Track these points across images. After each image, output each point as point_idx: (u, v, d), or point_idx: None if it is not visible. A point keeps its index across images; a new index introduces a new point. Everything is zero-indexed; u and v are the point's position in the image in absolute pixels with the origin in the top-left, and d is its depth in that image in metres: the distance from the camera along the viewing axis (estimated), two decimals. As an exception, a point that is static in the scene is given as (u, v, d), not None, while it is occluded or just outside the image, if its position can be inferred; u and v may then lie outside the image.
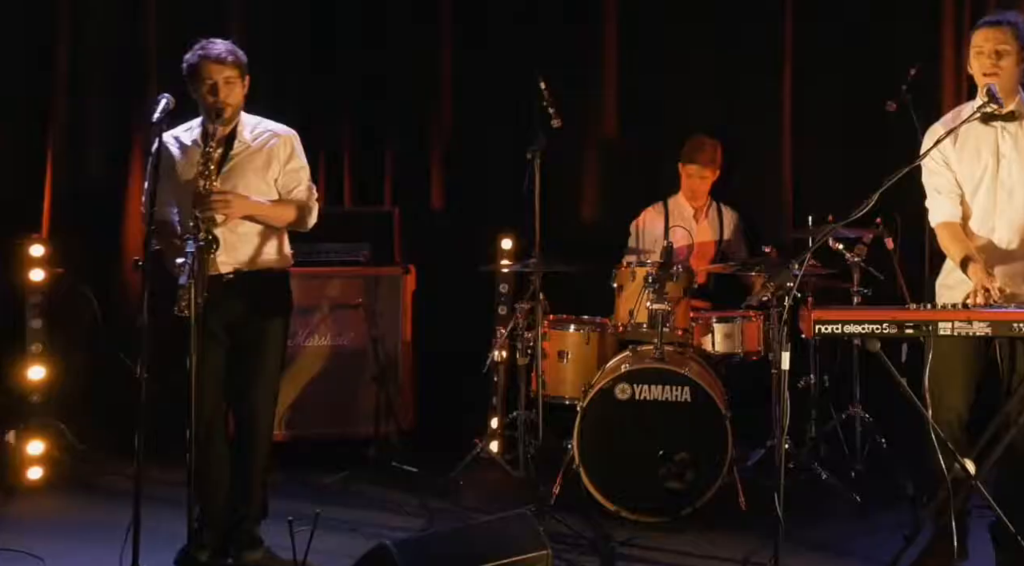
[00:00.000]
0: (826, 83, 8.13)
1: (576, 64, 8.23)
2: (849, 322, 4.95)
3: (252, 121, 5.72)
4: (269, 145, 5.67)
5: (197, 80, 5.49)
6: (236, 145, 5.60)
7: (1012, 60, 5.29)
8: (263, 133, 5.69)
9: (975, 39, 5.38)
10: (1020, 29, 5.33)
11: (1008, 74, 5.30)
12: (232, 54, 5.53)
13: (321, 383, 7.70)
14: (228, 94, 5.49)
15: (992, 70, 5.28)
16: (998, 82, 5.25)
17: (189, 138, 5.64)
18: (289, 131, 5.78)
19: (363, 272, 7.77)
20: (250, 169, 5.61)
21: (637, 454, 6.42)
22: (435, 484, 7.09)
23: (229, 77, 5.50)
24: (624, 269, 6.97)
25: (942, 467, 5.14)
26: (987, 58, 5.29)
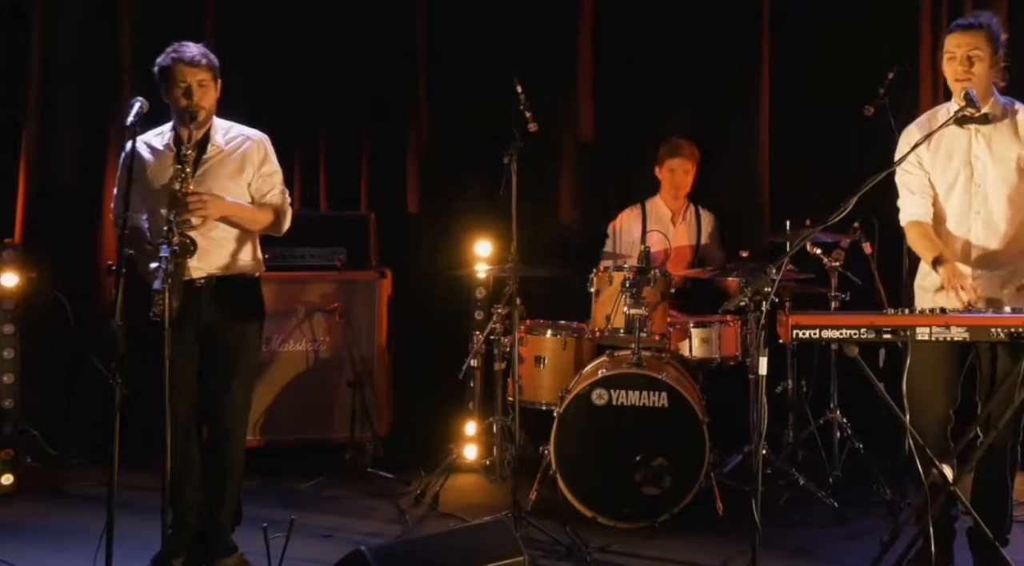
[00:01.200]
0: (804, 86, 8.12)
1: (553, 68, 8.19)
2: (827, 327, 4.95)
3: (224, 125, 5.70)
4: (242, 149, 5.65)
5: (170, 83, 5.47)
6: (209, 149, 5.58)
7: (985, 65, 5.29)
8: (236, 137, 5.67)
9: (948, 43, 5.39)
10: (994, 31, 5.34)
11: (981, 78, 5.30)
12: (205, 57, 5.51)
13: (296, 388, 7.67)
14: (202, 97, 5.47)
15: (964, 76, 5.29)
16: (972, 87, 5.25)
17: (160, 142, 5.61)
18: (261, 135, 5.77)
19: (339, 277, 7.74)
20: (223, 173, 5.58)
21: (614, 460, 6.39)
22: (411, 490, 7.07)
23: (202, 80, 5.48)
24: (601, 273, 6.94)
25: (920, 472, 5.13)
26: (959, 64, 5.30)
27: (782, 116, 8.14)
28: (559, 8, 8.25)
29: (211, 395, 5.62)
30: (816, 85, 8.07)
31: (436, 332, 8.05)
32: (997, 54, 5.35)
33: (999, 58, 5.37)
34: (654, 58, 8.30)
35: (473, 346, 7.40)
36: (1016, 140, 5.37)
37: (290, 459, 7.53)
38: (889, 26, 7.88)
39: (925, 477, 5.12)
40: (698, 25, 8.20)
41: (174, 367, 5.01)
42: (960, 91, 5.26)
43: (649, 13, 8.23)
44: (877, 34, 7.88)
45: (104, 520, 4.74)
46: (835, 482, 6.92)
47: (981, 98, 5.28)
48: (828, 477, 6.95)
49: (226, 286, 5.59)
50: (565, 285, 7.54)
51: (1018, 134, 5.38)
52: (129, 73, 8.01)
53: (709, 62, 8.28)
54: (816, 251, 6.97)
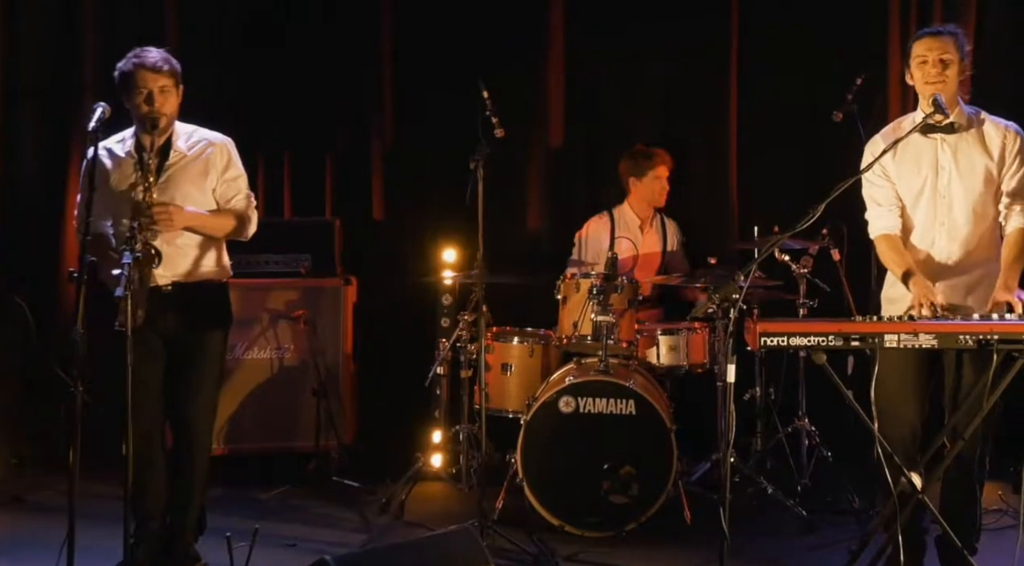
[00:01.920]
0: (772, 93, 8.13)
1: (520, 73, 8.18)
2: (795, 334, 4.92)
3: (187, 130, 5.66)
4: (205, 154, 5.62)
5: (131, 89, 5.43)
6: (172, 155, 5.54)
7: (955, 70, 5.33)
8: (199, 142, 5.64)
9: (917, 49, 5.41)
10: (961, 39, 5.39)
11: (952, 83, 5.34)
12: (167, 63, 5.47)
13: (261, 396, 7.61)
14: (163, 103, 5.44)
15: (938, 79, 5.31)
16: (943, 91, 5.28)
17: (122, 149, 5.57)
18: (225, 139, 5.73)
19: (303, 283, 7.69)
20: (187, 179, 5.55)
21: (581, 468, 6.36)
22: (376, 499, 7.01)
23: (164, 86, 5.44)
24: (568, 280, 6.91)
25: (889, 481, 5.11)
26: (932, 67, 5.32)
27: (750, 123, 8.15)
28: (528, 14, 8.22)
29: (176, 403, 5.59)
30: (785, 91, 8.09)
31: (402, 339, 8.01)
32: (964, 62, 5.39)
33: (965, 67, 5.41)
34: (623, 65, 8.28)
35: (439, 353, 7.35)
36: (982, 150, 5.38)
37: (254, 468, 7.49)
38: (858, 33, 7.90)
39: (894, 485, 5.11)
40: (667, 33, 8.20)
41: (137, 375, 4.96)
42: (930, 95, 5.27)
43: (619, 21, 8.21)
44: (846, 41, 7.89)
45: (65, 530, 4.69)
46: (803, 490, 6.90)
47: (949, 105, 5.30)
48: (796, 485, 6.93)
49: (191, 292, 5.55)
50: (532, 292, 7.50)
51: (985, 144, 5.39)
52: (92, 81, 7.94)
53: (678, 69, 8.29)
54: (784, 258, 6.97)
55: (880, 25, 7.84)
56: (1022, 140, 5.41)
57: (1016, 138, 5.40)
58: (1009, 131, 5.42)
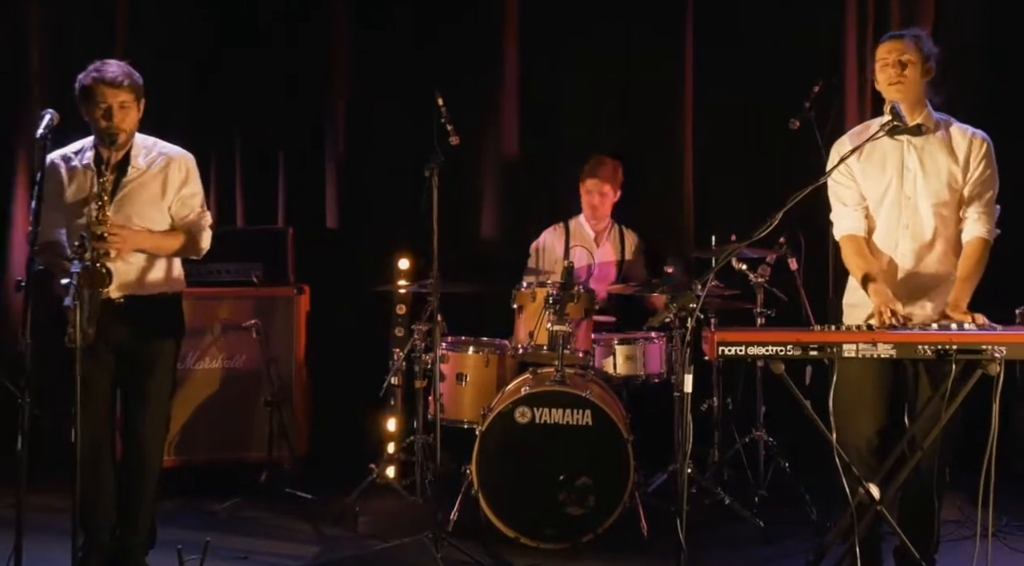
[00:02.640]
0: (729, 101, 8.11)
1: (476, 81, 8.15)
2: (752, 344, 4.89)
3: (147, 144, 5.60)
4: (163, 170, 5.56)
5: (90, 103, 5.37)
6: (130, 171, 5.49)
7: (916, 71, 5.33)
8: (158, 158, 5.58)
9: (879, 52, 5.42)
10: (923, 42, 5.40)
11: (912, 84, 5.34)
12: (128, 77, 5.41)
13: (212, 407, 7.54)
14: (122, 119, 5.38)
15: (897, 79, 5.32)
16: (903, 91, 5.30)
17: (80, 161, 5.51)
18: (185, 154, 5.68)
19: (256, 293, 7.62)
20: (144, 196, 5.50)
21: (537, 479, 6.32)
22: (330, 511, 6.96)
23: (124, 101, 5.38)
24: (524, 290, 6.88)
25: (847, 492, 5.08)
26: (892, 68, 5.34)
27: (707, 131, 8.13)
28: (483, 23, 8.19)
29: (126, 414, 5.52)
30: (741, 100, 8.07)
31: (356, 349, 7.94)
32: (928, 64, 5.38)
33: (930, 68, 5.39)
34: (578, 74, 8.26)
35: (393, 363, 7.30)
36: (948, 155, 5.38)
37: (205, 479, 7.42)
38: (814, 40, 7.92)
39: (852, 496, 5.08)
40: (622, 42, 8.20)
41: (86, 385, 4.90)
42: (892, 97, 5.29)
43: (573, 30, 8.21)
44: (802, 49, 7.91)
45: (12, 543, 4.64)
46: (761, 501, 6.90)
47: (913, 108, 5.34)
48: (754, 496, 6.93)
49: (144, 305, 5.49)
50: (488, 301, 7.47)
51: (951, 148, 5.39)
52: (38, 85, 7.88)
53: (633, 78, 8.26)
54: (742, 267, 6.95)
55: (837, 32, 7.86)
56: (988, 147, 5.41)
57: (982, 145, 5.40)
58: (976, 137, 5.41)
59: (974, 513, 4.93)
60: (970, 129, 5.45)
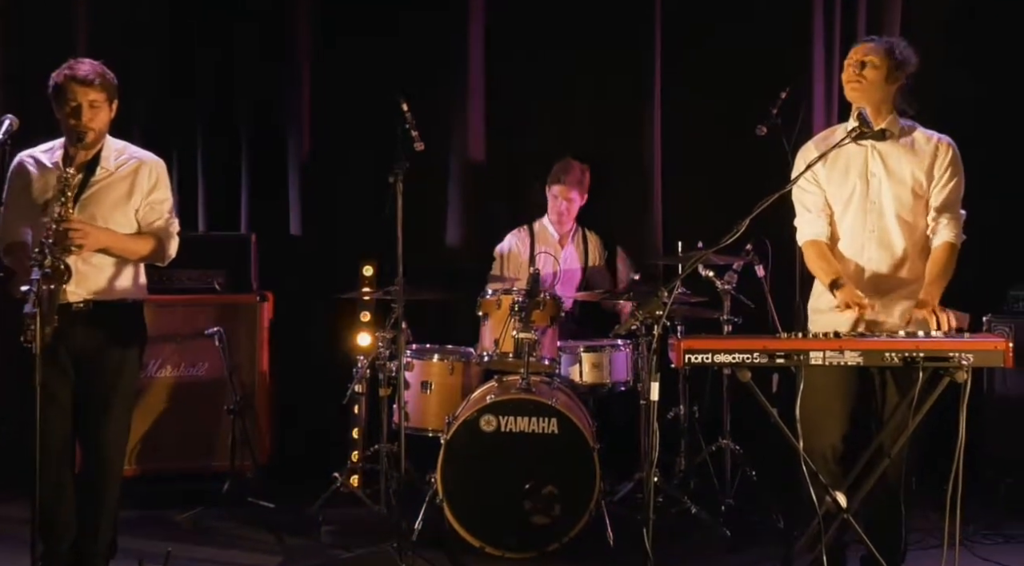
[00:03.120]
0: (696, 108, 8.10)
1: (441, 86, 8.10)
2: (719, 352, 4.88)
3: (118, 146, 5.55)
4: (133, 173, 5.50)
5: (61, 101, 5.32)
6: (98, 172, 5.43)
7: (878, 74, 5.35)
8: (128, 160, 5.53)
9: (848, 54, 5.46)
10: (894, 48, 5.41)
11: (871, 86, 5.36)
12: (100, 77, 5.35)
13: (174, 415, 7.44)
14: (92, 118, 5.32)
15: (854, 78, 5.36)
16: (859, 91, 5.34)
17: (49, 159, 5.45)
18: (156, 159, 5.64)
19: (218, 300, 7.54)
20: (111, 198, 5.44)
21: (502, 488, 6.29)
22: (293, 520, 6.91)
23: (94, 100, 5.32)
24: (489, 297, 6.85)
25: (814, 500, 5.07)
26: (851, 68, 5.38)
27: (674, 137, 8.10)
28: (448, 29, 8.14)
29: (87, 423, 5.43)
30: (709, 106, 8.06)
31: (319, 357, 7.90)
32: (897, 71, 5.38)
33: (900, 76, 5.40)
34: (544, 80, 8.22)
35: (357, 371, 7.23)
36: (913, 160, 5.39)
37: (167, 488, 7.32)
38: (782, 47, 7.91)
39: (818, 504, 5.07)
40: (590, 46, 8.17)
41: (46, 393, 4.84)
42: (850, 94, 5.35)
43: (540, 36, 8.18)
44: (770, 56, 7.89)
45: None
46: (727, 509, 6.86)
47: (877, 112, 5.36)
48: (720, 504, 6.89)
49: (104, 311, 5.41)
50: (453, 308, 7.48)
51: (915, 153, 5.40)
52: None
53: (601, 84, 8.23)
54: (708, 274, 6.93)
55: (804, 39, 7.85)
56: (954, 152, 5.42)
57: (948, 150, 5.41)
58: (941, 142, 5.43)
59: (941, 521, 4.90)
60: (935, 134, 5.46)
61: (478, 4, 8.12)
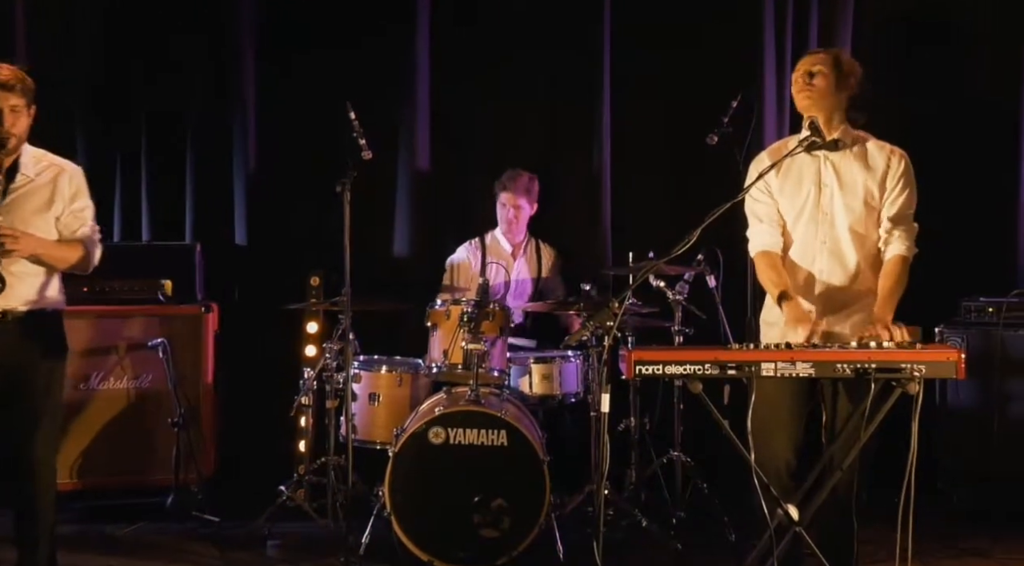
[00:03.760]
0: (647, 117, 8.07)
1: (388, 95, 8.02)
2: (670, 363, 4.85)
3: (36, 154, 5.47)
4: (53, 181, 5.42)
5: None
6: (18, 178, 5.35)
7: (827, 82, 5.33)
8: (48, 168, 5.45)
9: (796, 66, 5.46)
10: (841, 58, 5.42)
11: (821, 95, 5.34)
12: (20, 82, 5.27)
13: (116, 428, 7.30)
14: (12, 123, 5.24)
15: (803, 88, 5.35)
16: (809, 100, 5.32)
17: None
18: (75, 167, 5.56)
19: (162, 311, 7.41)
20: (31, 205, 5.35)
21: (451, 501, 6.23)
22: (238, 535, 6.84)
23: (15, 105, 5.24)
24: (438, 307, 6.79)
25: (765, 513, 5.03)
26: (801, 78, 5.36)
27: (625, 146, 8.06)
28: (395, 38, 8.07)
29: (13, 438, 5.33)
30: (659, 116, 8.04)
31: (265, 368, 7.80)
32: (845, 80, 5.36)
33: (848, 85, 5.37)
34: (493, 90, 8.18)
35: (304, 383, 7.15)
36: (865, 170, 5.37)
37: (110, 503, 7.21)
38: (733, 56, 7.88)
39: (770, 517, 5.02)
40: (539, 56, 8.13)
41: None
42: (801, 103, 5.34)
43: (488, 44, 8.14)
44: (720, 65, 7.87)
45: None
46: (679, 522, 6.83)
47: (829, 121, 5.34)
48: (672, 517, 6.86)
49: (27, 322, 5.33)
50: (401, 319, 7.43)
51: (868, 164, 5.38)
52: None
53: (550, 93, 8.20)
54: (659, 284, 6.91)
55: (755, 48, 7.83)
56: (907, 163, 5.40)
57: (901, 161, 5.39)
58: (894, 153, 5.41)
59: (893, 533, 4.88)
60: (888, 145, 5.44)
61: (425, 14, 8.06)
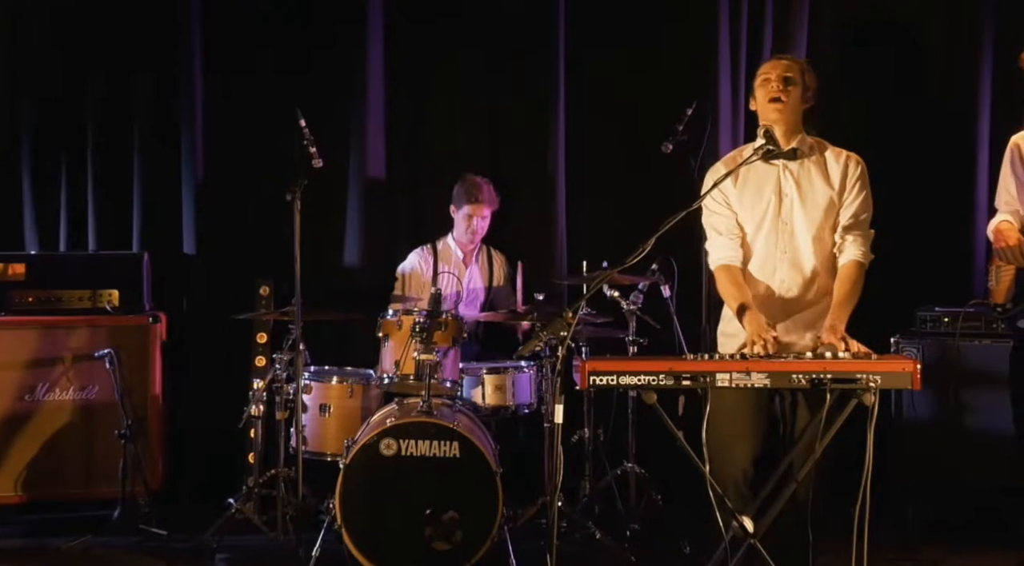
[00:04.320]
0: (601, 124, 8.03)
1: (339, 102, 7.97)
2: (624, 373, 4.82)
3: None
4: None
5: None
6: None
7: (798, 90, 5.34)
8: None
9: (762, 69, 5.45)
10: (805, 68, 5.42)
11: (794, 104, 5.34)
12: None
13: (62, 440, 7.23)
14: None
15: (777, 94, 5.31)
16: (782, 111, 5.30)
17: None
18: None
19: (109, 321, 7.33)
20: None
21: (403, 513, 6.17)
22: (186, 548, 6.76)
23: None
24: (390, 318, 6.74)
25: (720, 525, 5.03)
26: (775, 82, 5.33)
27: (579, 154, 8.01)
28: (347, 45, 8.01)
29: None
30: (614, 123, 7.99)
31: (214, 379, 7.72)
32: (808, 92, 5.39)
33: (809, 97, 5.40)
34: (446, 98, 8.13)
35: (254, 394, 7.04)
36: (824, 179, 5.36)
37: (54, 516, 7.19)
38: (687, 65, 7.84)
39: (725, 529, 5.02)
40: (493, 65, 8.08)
41: None
42: (771, 114, 5.30)
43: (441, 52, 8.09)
44: (675, 73, 7.83)
45: None
46: (633, 535, 6.77)
47: (789, 131, 5.33)
48: (626, 530, 6.80)
49: None
50: (352, 329, 7.41)
51: (826, 172, 5.36)
52: None
53: (504, 102, 8.15)
54: (614, 294, 6.87)
55: (710, 56, 7.78)
56: (863, 169, 5.40)
57: (857, 166, 5.39)
58: (851, 159, 5.41)
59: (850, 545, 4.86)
60: (845, 152, 5.44)
61: (379, 20, 7.99)
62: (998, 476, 6.59)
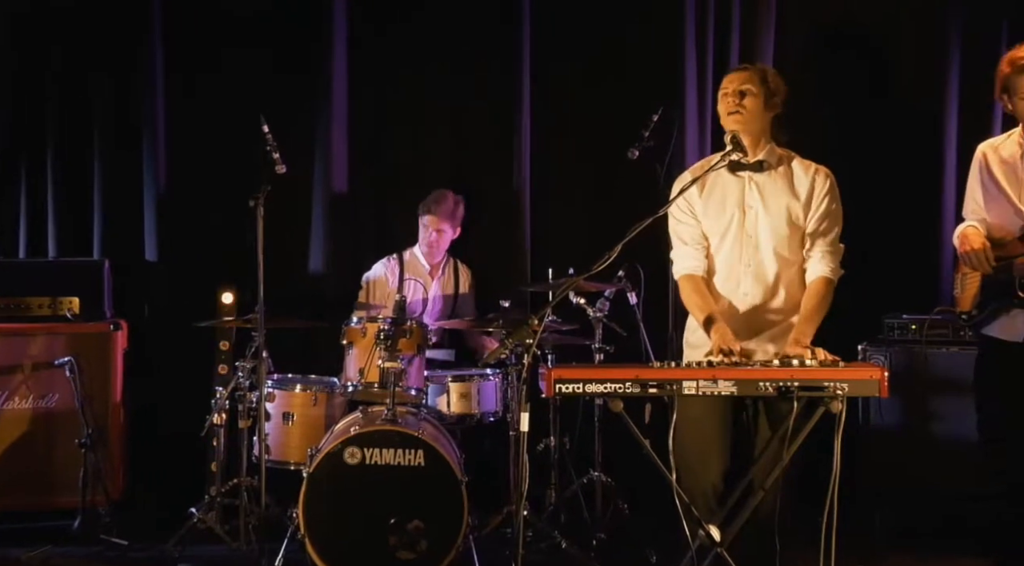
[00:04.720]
0: (567, 133, 8.01)
1: (303, 109, 7.93)
2: (591, 381, 4.81)
3: None
4: None
5: None
6: None
7: (757, 102, 5.30)
8: None
9: (722, 83, 5.41)
10: (768, 75, 5.38)
11: (752, 115, 5.30)
12: None
13: (21, 449, 7.16)
14: None
15: (735, 108, 5.29)
16: (741, 122, 5.27)
17: None
18: None
19: (69, 329, 7.26)
20: None
21: (367, 522, 6.14)
22: (147, 558, 6.71)
23: None
24: (354, 325, 6.71)
25: (687, 534, 4.99)
26: (730, 97, 5.30)
27: (544, 160, 7.99)
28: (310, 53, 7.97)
29: None
30: (579, 131, 7.97)
31: (176, 388, 7.64)
32: (774, 99, 5.35)
33: (775, 103, 5.36)
34: (411, 106, 8.10)
35: (216, 402, 6.99)
36: (790, 191, 5.34)
37: (13, 526, 7.10)
38: (654, 71, 7.82)
39: (692, 538, 4.98)
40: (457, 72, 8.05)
41: None
42: (731, 125, 5.27)
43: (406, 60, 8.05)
44: (642, 79, 7.82)
45: None
46: (599, 544, 6.74)
47: (754, 142, 5.30)
48: (592, 539, 6.76)
49: None
50: (316, 337, 7.35)
51: (792, 184, 5.35)
52: None
53: (468, 110, 8.13)
54: (580, 301, 6.84)
55: (676, 61, 7.77)
56: (832, 183, 5.38)
57: (826, 180, 5.37)
58: (819, 173, 5.39)
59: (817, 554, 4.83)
60: (813, 165, 5.42)
61: (342, 29, 7.95)
62: (965, 483, 6.57)
